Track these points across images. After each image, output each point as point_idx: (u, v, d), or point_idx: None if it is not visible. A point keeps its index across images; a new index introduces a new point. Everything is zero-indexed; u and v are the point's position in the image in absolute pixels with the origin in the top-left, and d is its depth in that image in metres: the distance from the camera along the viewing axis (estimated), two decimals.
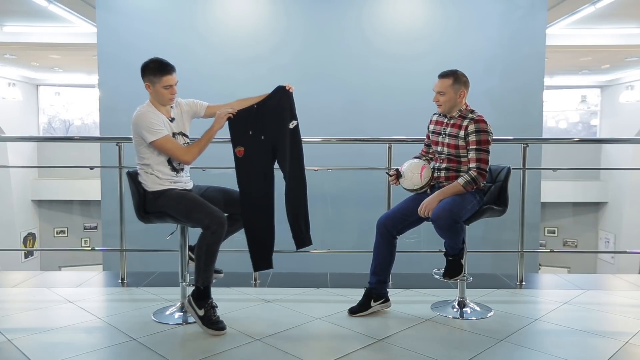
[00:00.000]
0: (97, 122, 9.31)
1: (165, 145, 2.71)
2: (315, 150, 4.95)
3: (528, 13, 5.36)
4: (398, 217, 2.99)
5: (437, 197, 2.84)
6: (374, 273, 3.03)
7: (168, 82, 2.76)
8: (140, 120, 2.72)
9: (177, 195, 2.77)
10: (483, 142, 2.85)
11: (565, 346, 2.59)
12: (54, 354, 2.44)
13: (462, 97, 2.93)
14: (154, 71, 2.76)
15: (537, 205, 5.50)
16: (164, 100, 2.80)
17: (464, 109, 2.95)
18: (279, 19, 5.48)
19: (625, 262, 9.64)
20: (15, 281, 3.74)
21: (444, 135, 2.98)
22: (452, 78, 2.92)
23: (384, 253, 3.00)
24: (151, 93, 2.81)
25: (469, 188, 2.84)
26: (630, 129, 9.92)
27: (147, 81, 2.79)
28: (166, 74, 2.76)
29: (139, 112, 2.76)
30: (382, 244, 3.00)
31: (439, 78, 2.96)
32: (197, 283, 2.70)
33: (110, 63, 5.36)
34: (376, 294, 3.01)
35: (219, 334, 2.66)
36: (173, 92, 2.80)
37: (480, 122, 2.87)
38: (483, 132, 2.85)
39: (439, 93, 2.94)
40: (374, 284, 3.02)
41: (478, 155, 2.84)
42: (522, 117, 5.35)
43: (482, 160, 2.84)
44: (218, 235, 2.64)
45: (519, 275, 3.70)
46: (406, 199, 3.07)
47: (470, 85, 2.97)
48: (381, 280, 3.02)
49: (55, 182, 10.38)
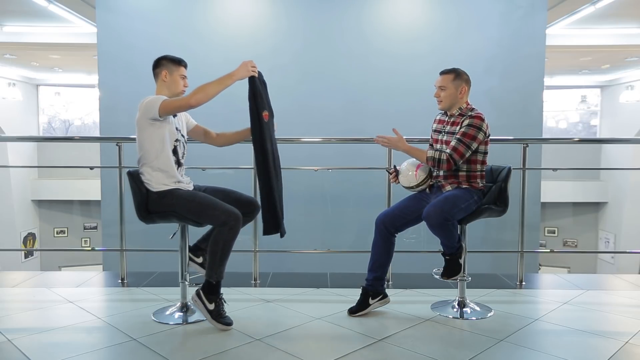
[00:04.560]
0: (97, 122, 9.31)
1: (171, 103, 2.68)
2: (315, 150, 5.00)
3: (528, 13, 5.36)
4: (397, 214, 2.99)
5: (402, 145, 2.97)
6: (370, 270, 3.03)
7: (184, 73, 2.88)
8: (151, 99, 2.71)
9: (188, 194, 2.78)
10: (468, 135, 2.84)
11: (565, 346, 2.59)
12: (54, 354, 2.44)
13: (462, 93, 2.94)
14: (173, 61, 2.86)
15: (537, 205, 5.50)
16: (178, 88, 2.85)
17: (465, 107, 2.96)
18: (279, 19, 5.48)
19: (625, 262, 9.64)
20: (15, 281, 3.74)
21: (444, 133, 2.99)
22: (454, 74, 2.95)
23: (381, 250, 3.01)
24: (166, 81, 2.83)
25: (429, 163, 2.90)
26: (630, 129, 9.93)
27: (165, 69, 2.83)
28: (183, 65, 2.88)
29: (150, 97, 2.75)
30: (380, 241, 3.01)
31: (440, 74, 2.99)
32: (211, 278, 2.72)
33: (110, 63, 5.36)
34: (373, 291, 3.01)
35: (226, 329, 2.71)
36: (186, 85, 2.89)
37: (476, 118, 2.87)
38: (473, 127, 2.84)
39: (440, 88, 2.96)
40: (370, 280, 3.02)
41: (456, 144, 2.84)
42: (522, 117, 5.34)
43: (457, 151, 2.83)
44: (235, 231, 2.68)
45: (519, 275, 3.70)
46: (406, 197, 3.07)
47: (471, 85, 2.98)
48: (378, 277, 3.02)
49: (55, 182, 10.38)
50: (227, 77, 2.72)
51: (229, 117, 5.34)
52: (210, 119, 5.15)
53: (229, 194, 2.91)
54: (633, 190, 9.79)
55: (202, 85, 2.64)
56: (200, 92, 2.62)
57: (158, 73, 2.86)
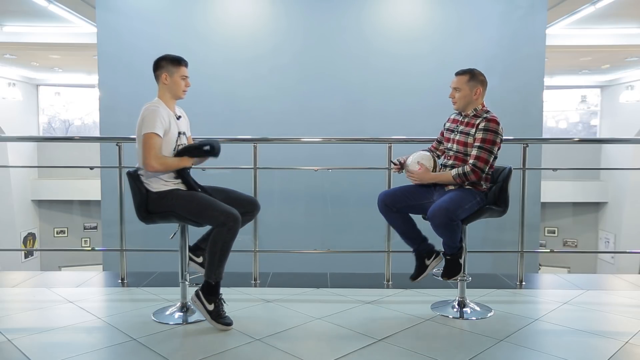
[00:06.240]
0: (97, 122, 9.32)
1: (150, 141, 2.69)
2: (315, 150, 5.00)
3: (528, 13, 5.36)
4: (398, 195, 2.99)
5: (428, 177, 2.95)
6: (408, 240, 3.03)
7: (185, 73, 2.85)
8: (150, 113, 2.72)
9: (187, 194, 2.77)
10: (487, 141, 2.84)
11: (565, 346, 2.59)
12: (54, 354, 2.44)
13: (477, 95, 2.93)
14: (173, 61, 2.83)
15: (537, 205, 5.50)
16: (179, 90, 2.84)
17: (480, 109, 2.95)
18: (279, 19, 5.48)
19: (625, 262, 9.64)
20: (15, 281, 3.74)
21: (456, 132, 2.98)
22: (469, 75, 2.94)
23: (398, 222, 3.01)
24: (167, 84, 2.82)
25: (458, 180, 2.87)
26: (630, 129, 9.93)
27: (164, 71, 2.82)
28: (183, 65, 2.85)
29: (151, 107, 2.75)
30: (392, 217, 3.01)
31: (456, 75, 2.97)
32: (210, 279, 2.72)
33: (110, 63, 5.36)
34: (426, 251, 3.02)
35: (226, 329, 2.71)
36: (187, 85, 2.88)
37: (492, 121, 2.86)
38: (491, 132, 2.84)
39: (455, 89, 2.96)
40: (416, 246, 3.02)
41: (478, 152, 2.84)
42: (522, 117, 5.34)
43: (480, 159, 2.84)
44: (233, 232, 2.68)
45: (519, 275, 3.70)
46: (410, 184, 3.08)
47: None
48: (419, 240, 3.02)
49: (55, 182, 10.38)
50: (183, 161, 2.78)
51: (229, 117, 5.39)
52: (211, 119, 5.19)
53: (229, 193, 2.91)
54: (633, 190, 9.79)
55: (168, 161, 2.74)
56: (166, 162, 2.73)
57: (158, 75, 2.84)
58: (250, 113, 5.38)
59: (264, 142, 3.91)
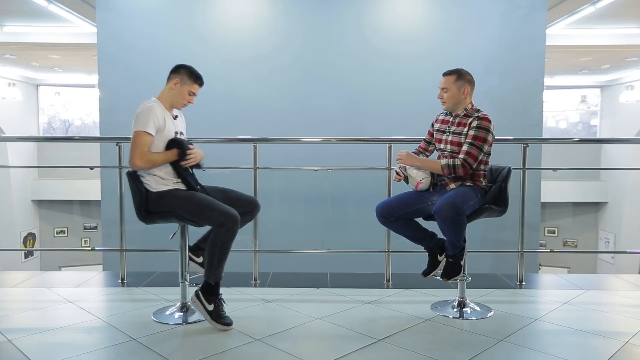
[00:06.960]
0: (97, 122, 9.31)
1: (138, 139, 2.70)
2: (315, 150, 5.00)
3: (528, 13, 5.36)
4: (394, 205, 3.00)
5: (416, 161, 2.98)
6: (417, 241, 3.05)
7: (195, 90, 2.87)
8: (143, 110, 2.72)
9: (186, 194, 2.78)
10: (479, 138, 2.86)
11: (565, 346, 2.59)
12: (54, 354, 2.44)
13: (465, 94, 2.95)
14: (191, 75, 2.85)
15: (537, 205, 5.50)
16: (181, 101, 2.86)
17: (470, 108, 2.97)
18: (279, 19, 5.48)
19: (625, 262, 9.64)
20: (15, 281, 3.74)
21: (448, 133, 3.00)
22: (456, 75, 2.96)
23: (402, 229, 3.03)
24: (174, 90, 2.83)
25: (445, 171, 2.89)
26: (630, 129, 9.93)
27: (179, 78, 2.83)
28: (198, 84, 2.87)
29: (147, 105, 2.76)
30: (393, 226, 3.03)
31: (443, 76, 3.00)
32: (209, 279, 2.72)
33: (110, 63, 5.36)
34: (438, 247, 3.02)
35: (226, 329, 2.71)
36: (191, 101, 2.89)
37: (484, 119, 2.89)
38: (482, 129, 2.87)
39: (443, 89, 2.98)
40: (427, 244, 3.03)
41: (469, 148, 2.86)
42: (522, 117, 5.35)
43: (470, 155, 2.85)
44: (232, 232, 2.68)
45: (519, 275, 3.70)
46: (407, 191, 3.08)
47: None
48: (429, 238, 3.03)
49: (55, 182, 10.39)
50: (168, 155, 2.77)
51: (229, 117, 5.39)
52: (211, 119, 5.19)
53: (228, 193, 2.91)
54: (633, 190, 9.79)
55: (154, 157, 2.74)
56: (152, 158, 2.73)
57: (171, 78, 2.85)
58: (250, 113, 5.38)
59: (264, 142, 3.91)
